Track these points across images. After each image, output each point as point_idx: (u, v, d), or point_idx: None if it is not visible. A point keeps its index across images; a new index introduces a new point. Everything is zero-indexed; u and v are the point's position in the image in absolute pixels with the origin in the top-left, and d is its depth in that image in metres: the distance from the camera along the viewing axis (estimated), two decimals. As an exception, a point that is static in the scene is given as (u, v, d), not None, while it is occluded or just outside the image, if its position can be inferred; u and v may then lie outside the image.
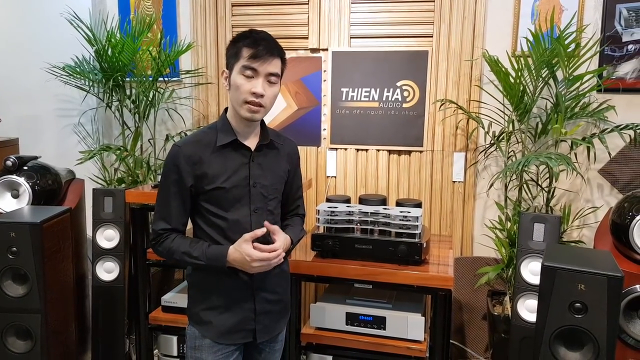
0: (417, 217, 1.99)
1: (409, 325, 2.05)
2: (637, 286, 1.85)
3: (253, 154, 1.53)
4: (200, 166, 1.48)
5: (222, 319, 1.53)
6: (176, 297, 2.40)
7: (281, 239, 1.51)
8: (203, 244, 1.49)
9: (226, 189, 1.48)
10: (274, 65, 1.46)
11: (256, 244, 1.45)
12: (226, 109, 1.57)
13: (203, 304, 1.55)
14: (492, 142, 2.59)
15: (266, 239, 1.49)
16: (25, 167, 2.42)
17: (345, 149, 2.86)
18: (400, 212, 2.02)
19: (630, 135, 2.43)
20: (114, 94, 2.88)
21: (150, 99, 2.87)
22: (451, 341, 2.62)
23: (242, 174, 1.51)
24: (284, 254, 1.52)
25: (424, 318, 2.06)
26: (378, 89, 2.77)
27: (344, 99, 2.82)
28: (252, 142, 1.55)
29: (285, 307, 1.67)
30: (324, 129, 2.88)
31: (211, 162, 1.48)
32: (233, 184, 1.49)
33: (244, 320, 1.55)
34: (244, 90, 1.44)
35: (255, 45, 1.43)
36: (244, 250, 1.43)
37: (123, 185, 2.92)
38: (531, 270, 2.02)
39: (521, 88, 2.37)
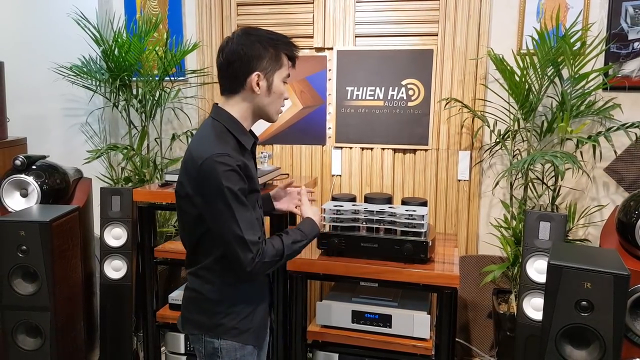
0: (423, 216, 1.99)
1: (414, 323, 2.06)
2: (643, 284, 1.85)
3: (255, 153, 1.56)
4: (247, 170, 1.40)
5: (255, 322, 1.53)
6: (183, 295, 2.42)
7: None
8: (293, 229, 1.53)
9: (260, 190, 1.50)
10: None
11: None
12: (220, 108, 1.46)
13: (238, 316, 1.49)
14: (498, 140, 2.59)
15: None
16: (34, 167, 2.44)
17: (351, 148, 2.87)
18: (406, 210, 2.03)
19: (636, 134, 2.43)
20: (120, 93, 2.90)
21: (156, 99, 2.89)
22: (457, 339, 2.63)
23: (256, 173, 1.53)
24: None
25: (429, 316, 2.07)
26: (383, 88, 2.78)
27: (349, 97, 2.83)
28: None
29: None
30: (329, 128, 2.89)
31: (248, 166, 1.42)
32: (258, 184, 1.51)
33: (265, 316, 1.58)
34: (284, 97, 1.48)
35: (295, 53, 1.46)
36: (315, 208, 1.66)
37: (130, 184, 2.94)
38: (537, 269, 2.02)
39: (526, 86, 2.37)
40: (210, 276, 1.47)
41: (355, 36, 2.79)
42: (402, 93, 2.76)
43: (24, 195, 2.42)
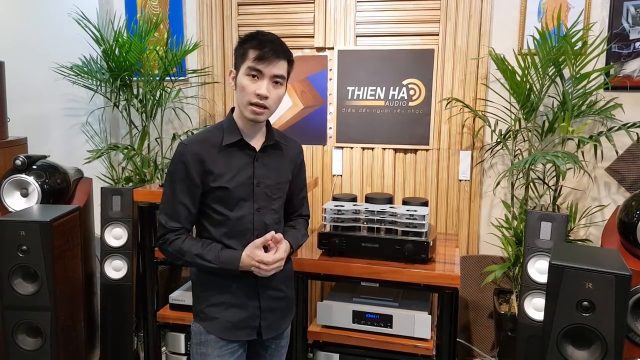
0: (424, 216, 1.99)
1: (415, 324, 2.06)
2: (645, 285, 1.84)
3: (257, 154, 1.55)
4: (207, 164, 1.48)
5: (227, 315, 1.55)
6: (184, 295, 2.42)
7: (282, 249, 1.52)
8: (215, 246, 1.51)
9: (230, 187, 1.50)
10: (280, 67, 1.47)
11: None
12: (233, 109, 1.58)
13: (208, 301, 1.56)
14: (499, 140, 2.59)
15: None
16: (34, 166, 2.44)
17: (351, 148, 2.86)
18: (407, 210, 2.03)
19: (637, 133, 2.42)
20: (121, 93, 2.90)
21: (157, 98, 2.88)
22: (458, 339, 2.62)
23: (246, 174, 1.53)
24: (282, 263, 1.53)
25: (430, 316, 2.07)
26: (384, 88, 2.77)
27: (349, 97, 2.83)
28: (257, 142, 1.57)
29: (290, 303, 1.69)
30: (330, 128, 2.89)
31: (217, 161, 1.49)
32: (237, 183, 1.51)
33: (249, 317, 1.56)
34: (248, 91, 1.46)
35: (261, 47, 1.44)
36: (256, 257, 1.47)
37: (130, 184, 2.94)
38: (538, 269, 2.02)
39: (528, 86, 2.37)
40: None
41: (356, 36, 2.79)
42: (403, 93, 2.76)
43: (25, 195, 2.42)
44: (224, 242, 1.52)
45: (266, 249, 1.51)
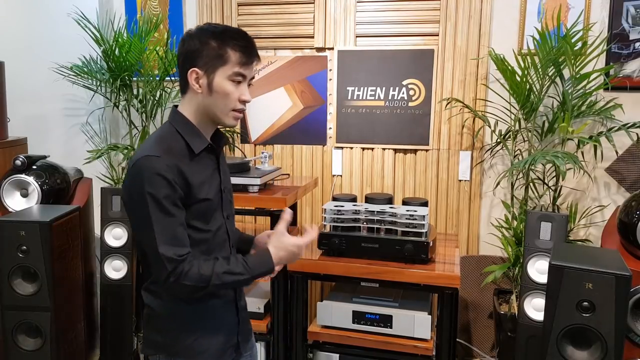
0: (424, 216, 1.99)
1: (415, 324, 2.06)
2: (645, 285, 1.84)
3: (220, 158, 1.42)
4: (184, 176, 1.27)
5: (214, 342, 1.38)
6: (183, 296, 2.42)
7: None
8: (236, 257, 1.31)
9: (211, 197, 1.33)
10: (255, 69, 1.36)
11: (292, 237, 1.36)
12: (175, 109, 1.36)
13: (194, 334, 1.36)
14: (499, 140, 2.59)
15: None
16: (34, 167, 2.44)
17: (351, 148, 2.86)
18: (407, 211, 2.03)
19: (637, 134, 2.42)
20: (121, 93, 2.89)
21: (157, 99, 2.88)
22: (457, 340, 2.62)
23: (216, 181, 1.38)
24: None
25: (430, 316, 2.07)
26: (384, 88, 2.78)
27: (349, 97, 2.83)
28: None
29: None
30: (330, 128, 2.89)
31: (192, 172, 1.29)
32: (214, 192, 1.35)
33: (230, 336, 1.43)
34: (233, 97, 1.29)
35: (248, 50, 1.29)
36: (290, 242, 1.33)
37: (130, 184, 2.93)
38: (538, 269, 2.02)
39: (527, 87, 2.37)
40: (159, 290, 1.33)
41: (356, 36, 2.79)
42: (403, 93, 2.76)
43: (25, 195, 2.41)
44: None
45: None
